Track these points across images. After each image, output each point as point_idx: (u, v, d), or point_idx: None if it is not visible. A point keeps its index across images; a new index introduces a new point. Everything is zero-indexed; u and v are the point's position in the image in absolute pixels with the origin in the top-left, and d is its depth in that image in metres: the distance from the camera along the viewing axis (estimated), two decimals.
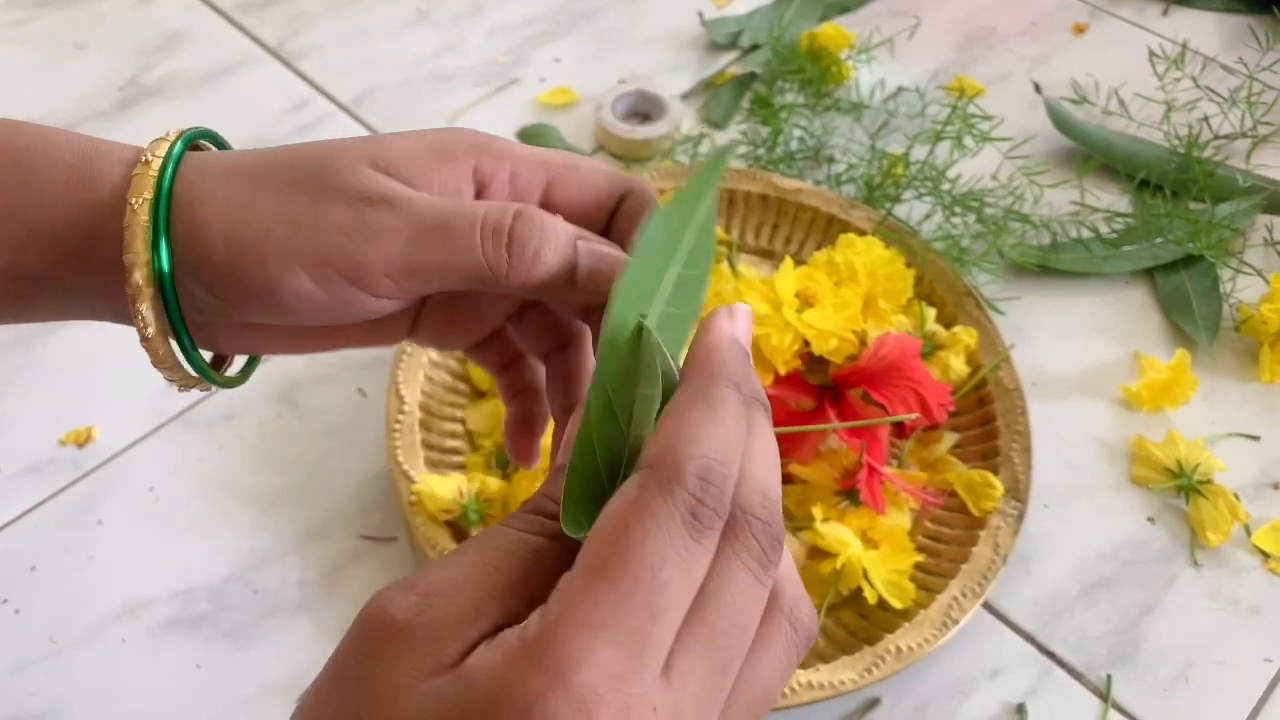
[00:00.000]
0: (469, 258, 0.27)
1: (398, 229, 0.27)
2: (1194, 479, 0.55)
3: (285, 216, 0.27)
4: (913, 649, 0.48)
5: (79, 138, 0.30)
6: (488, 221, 0.27)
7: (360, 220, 0.27)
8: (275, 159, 0.29)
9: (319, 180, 0.28)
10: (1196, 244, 0.64)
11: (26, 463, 0.57)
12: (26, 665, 0.50)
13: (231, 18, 0.80)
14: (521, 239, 0.27)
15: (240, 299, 0.28)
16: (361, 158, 0.28)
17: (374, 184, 0.27)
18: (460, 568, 0.24)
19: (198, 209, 0.28)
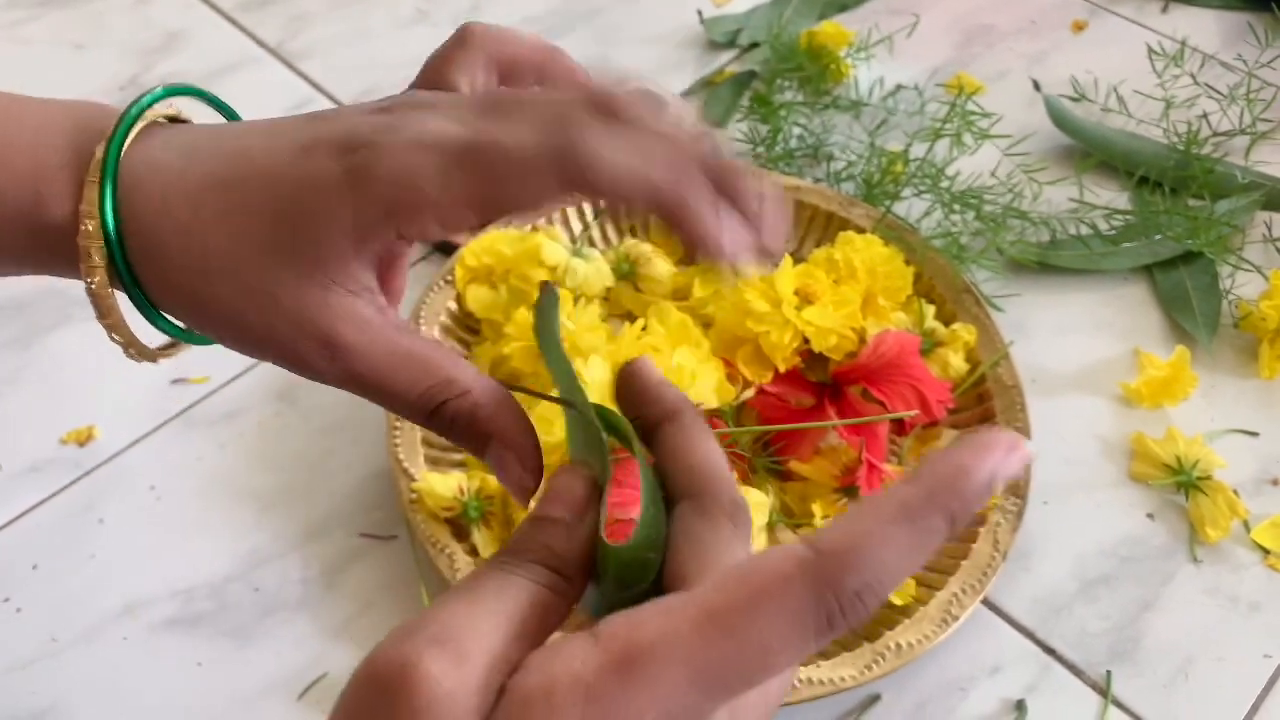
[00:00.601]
0: (398, 409, 0.30)
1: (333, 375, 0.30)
2: (1193, 475, 0.55)
3: (246, 342, 0.30)
4: (912, 645, 0.49)
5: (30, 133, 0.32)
6: (421, 397, 0.29)
7: (303, 364, 0.29)
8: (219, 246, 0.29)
9: (261, 308, 0.29)
10: (1196, 241, 0.64)
11: (27, 462, 0.57)
12: (27, 663, 0.50)
13: (231, 17, 0.81)
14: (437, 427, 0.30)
15: (209, 335, 0.31)
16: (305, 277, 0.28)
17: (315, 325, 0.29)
18: (486, 618, 0.23)
19: (152, 256, 0.30)
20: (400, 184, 0.27)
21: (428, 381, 0.29)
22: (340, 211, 0.28)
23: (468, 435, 0.29)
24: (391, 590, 0.52)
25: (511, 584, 0.24)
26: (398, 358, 0.29)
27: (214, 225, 0.29)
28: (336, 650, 0.51)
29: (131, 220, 0.29)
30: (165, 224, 0.29)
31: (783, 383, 0.56)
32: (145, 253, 0.30)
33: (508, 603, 0.24)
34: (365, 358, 0.29)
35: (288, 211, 0.28)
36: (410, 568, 0.53)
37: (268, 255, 0.29)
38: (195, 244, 0.29)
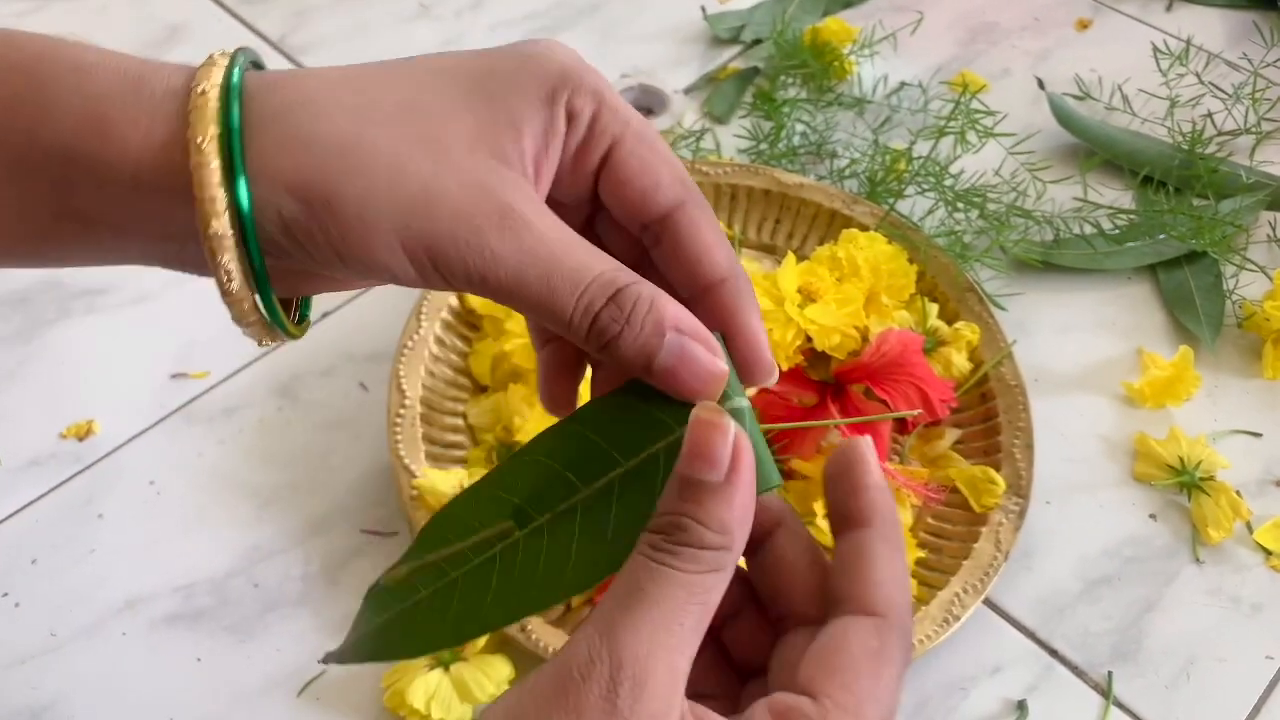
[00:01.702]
0: (557, 314, 0.26)
1: (503, 256, 0.26)
2: (1196, 476, 0.55)
3: (400, 196, 0.25)
4: (914, 645, 0.48)
5: (116, 63, 0.27)
6: (585, 295, 0.26)
7: (471, 229, 0.25)
8: (377, 95, 0.26)
9: (434, 158, 0.26)
10: (1200, 240, 0.64)
11: (27, 456, 0.57)
12: (27, 659, 0.50)
13: (233, 10, 0.80)
14: (602, 323, 0.26)
15: (330, 263, 0.27)
16: (474, 129, 0.26)
17: (491, 182, 0.26)
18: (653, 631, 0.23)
19: (284, 153, 0.25)
20: (578, 61, 0.28)
21: (603, 265, 0.26)
22: (523, 69, 0.27)
23: (646, 323, 0.26)
24: None
25: (665, 581, 0.24)
26: (568, 238, 0.26)
27: (376, 75, 0.26)
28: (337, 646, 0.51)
29: (262, 94, 0.26)
30: (308, 83, 0.26)
31: (785, 381, 0.56)
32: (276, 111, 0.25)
33: (669, 608, 0.24)
34: (539, 233, 0.26)
35: (469, 67, 0.27)
36: None
37: (442, 102, 0.26)
38: (349, 91, 0.26)
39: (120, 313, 0.63)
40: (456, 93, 0.27)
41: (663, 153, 0.29)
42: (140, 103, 0.26)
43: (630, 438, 0.28)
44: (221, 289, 0.26)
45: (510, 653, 0.49)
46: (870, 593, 0.26)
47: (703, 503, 0.25)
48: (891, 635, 0.25)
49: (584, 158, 0.28)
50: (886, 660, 0.25)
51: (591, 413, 0.28)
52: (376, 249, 0.26)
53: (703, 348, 0.26)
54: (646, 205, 0.29)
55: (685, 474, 0.25)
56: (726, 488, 0.25)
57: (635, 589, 0.24)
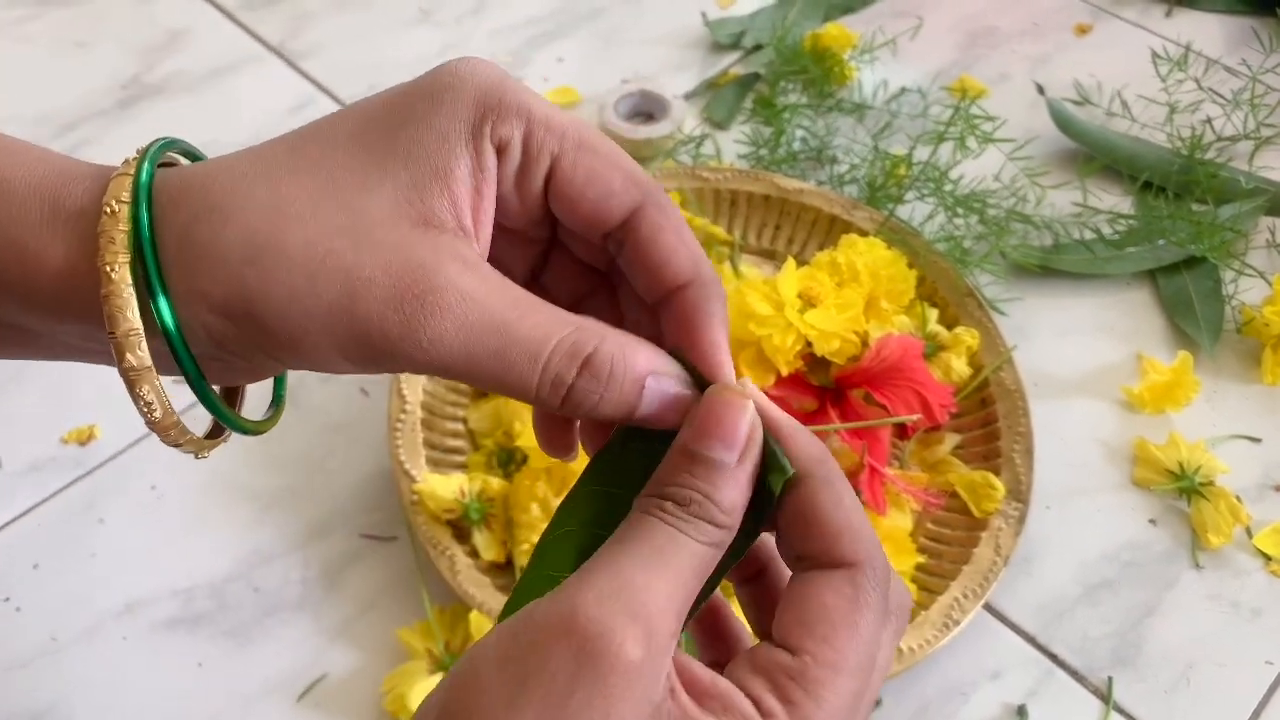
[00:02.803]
0: (519, 387, 0.24)
1: (446, 339, 0.24)
2: (1195, 481, 0.55)
3: (323, 298, 0.23)
4: (914, 650, 0.48)
5: (33, 179, 0.25)
6: (550, 367, 0.24)
7: (404, 319, 0.24)
8: (285, 186, 0.24)
9: (353, 245, 0.24)
10: (1199, 246, 0.64)
11: (28, 461, 0.57)
12: (28, 663, 0.50)
13: (234, 16, 0.80)
14: (579, 395, 0.25)
15: (272, 366, 0.26)
16: (393, 199, 0.24)
17: (420, 259, 0.24)
18: (665, 585, 0.23)
19: (199, 271, 0.24)
20: (498, 78, 0.26)
21: (562, 329, 0.24)
22: (436, 108, 0.25)
23: (625, 384, 0.25)
24: (392, 591, 0.52)
25: (683, 548, 0.24)
26: (518, 304, 0.24)
27: (284, 162, 0.25)
28: (336, 651, 0.51)
29: (169, 200, 0.24)
30: (215, 184, 0.24)
31: (785, 386, 0.56)
32: (185, 225, 0.24)
33: (684, 572, 0.24)
34: (482, 306, 0.24)
35: (380, 121, 0.25)
36: (411, 569, 0.53)
37: (355, 177, 0.24)
38: (260, 187, 0.24)
39: None
40: (370, 159, 0.25)
41: (609, 155, 0.27)
42: (55, 228, 0.25)
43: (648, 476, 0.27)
44: (146, 420, 0.25)
45: None
46: (832, 544, 0.25)
47: (715, 482, 0.24)
48: (865, 582, 0.25)
49: (526, 184, 0.26)
50: (863, 607, 0.24)
51: (604, 467, 0.28)
52: (311, 353, 0.24)
53: (680, 388, 0.26)
54: (602, 215, 0.27)
55: (697, 449, 0.25)
56: (739, 471, 0.25)
57: (655, 550, 0.24)
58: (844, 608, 0.24)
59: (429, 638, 0.49)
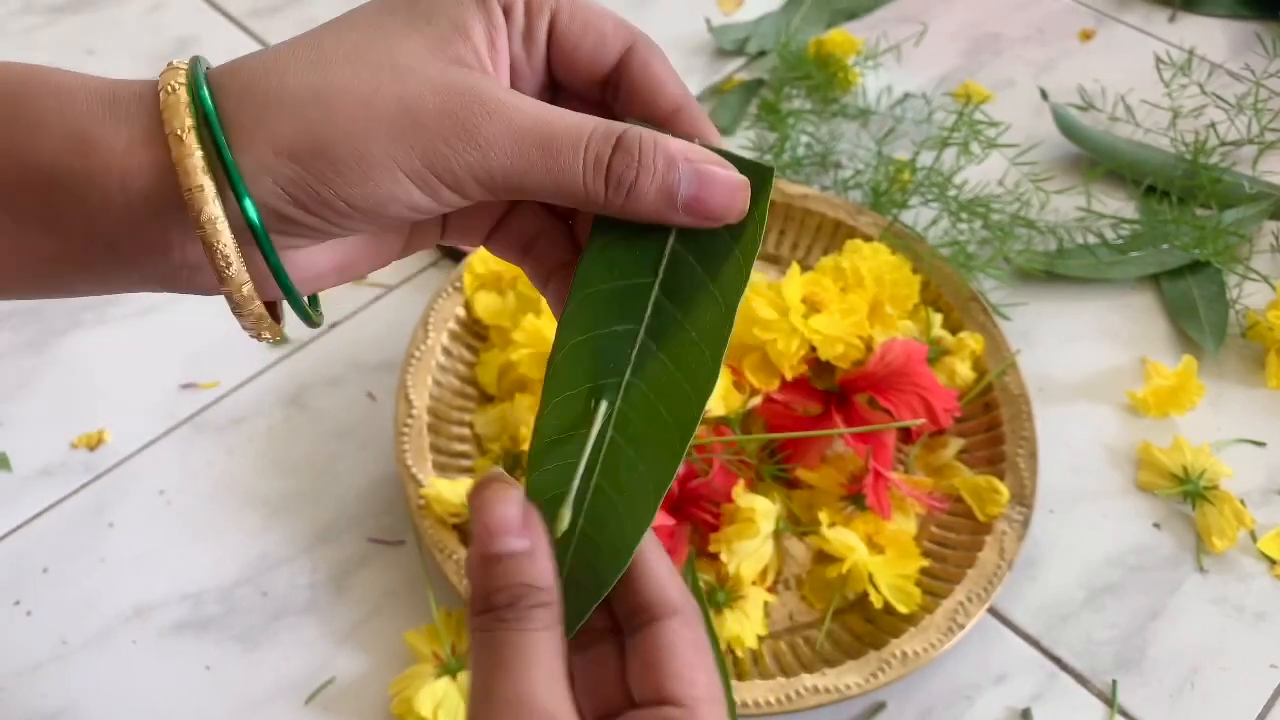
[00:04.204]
0: (569, 180, 0.26)
1: (498, 141, 0.26)
2: (1200, 485, 0.55)
3: (383, 121, 0.25)
4: (918, 654, 0.49)
5: (90, 84, 0.27)
6: (590, 148, 0.26)
7: (458, 125, 0.25)
8: (326, 47, 0.26)
9: (400, 78, 0.26)
10: (1203, 250, 0.64)
11: (39, 465, 0.57)
12: (38, 666, 0.50)
13: (242, 23, 0.81)
14: (617, 171, 0.26)
15: (340, 216, 0.26)
16: (425, 45, 0.26)
17: (461, 80, 0.26)
18: (548, 687, 0.26)
19: (261, 122, 0.25)
20: None
21: (594, 122, 0.26)
22: None
23: (658, 161, 0.26)
24: (399, 595, 0.53)
25: (538, 645, 0.26)
26: (554, 110, 0.26)
27: (320, 34, 0.27)
28: (344, 654, 0.51)
29: (222, 78, 0.26)
30: (263, 58, 0.26)
31: (790, 390, 0.56)
32: (242, 85, 0.26)
33: (552, 663, 0.26)
34: (522, 110, 0.26)
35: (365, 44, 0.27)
36: (418, 573, 0.53)
37: (388, 36, 0.26)
38: (304, 49, 0.26)
39: (131, 323, 0.63)
40: (398, 21, 0.27)
41: (598, 8, 0.29)
42: (117, 116, 0.26)
43: (639, 256, 0.28)
44: (220, 276, 0.26)
45: None
46: (664, 593, 0.28)
47: (524, 569, 0.27)
48: (697, 622, 0.28)
49: (531, 41, 0.29)
50: (703, 644, 0.28)
51: (589, 269, 0.28)
52: (378, 180, 0.26)
53: (717, 166, 0.27)
54: (599, 59, 0.29)
55: (493, 551, 0.27)
56: (536, 550, 0.27)
57: (515, 659, 0.26)
58: (688, 649, 0.27)
59: (436, 641, 0.50)
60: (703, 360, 0.27)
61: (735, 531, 0.50)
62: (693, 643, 0.28)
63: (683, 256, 0.28)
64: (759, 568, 0.51)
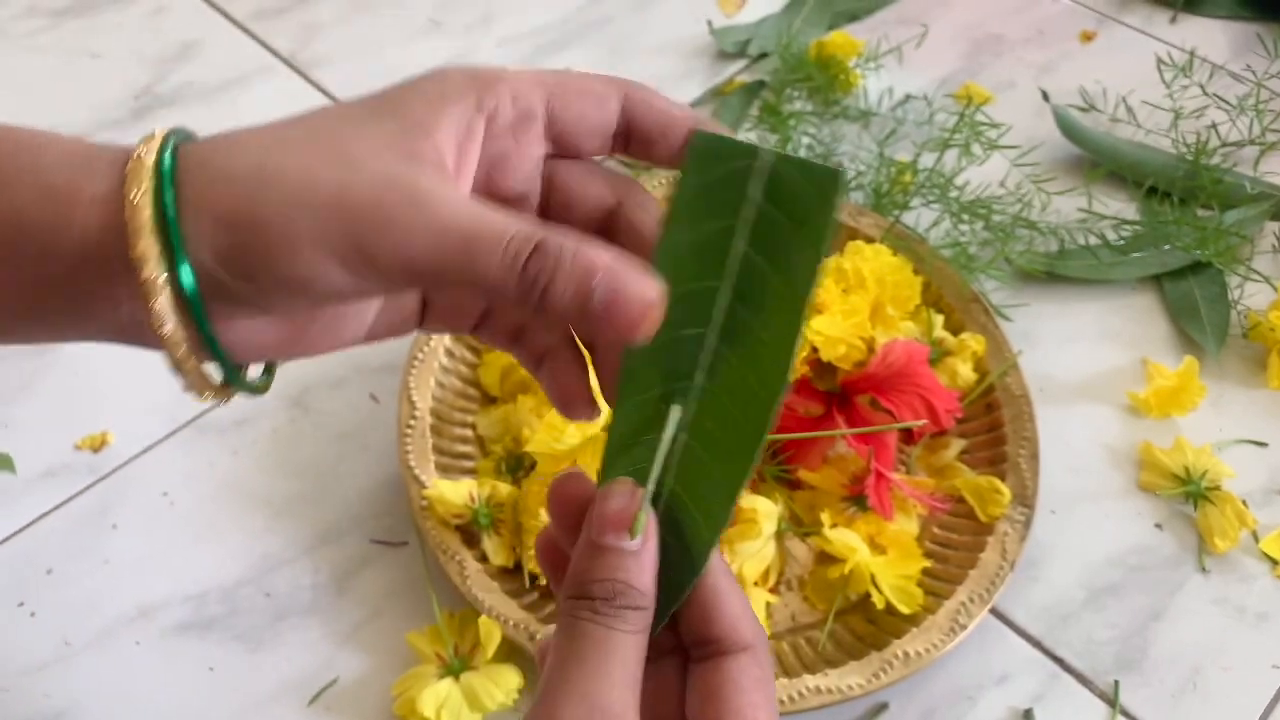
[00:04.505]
0: (485, 276, 0.27)
1: (421, 234, 0.26)
2: (1202, 485, 0.55)
3: (315, 205, 0.26)
4: (920, 654, 0.49)
5: (66, 144, 0.28)
6: (509, 249, 0.26)
7: (385, 216, 0.26)
8: (289, 132, 0.28)
9: (342, 167, 0.27)
10: (1204, 251, 0.64)
11: (42, 467, 0.57)
12: (41, 667, 0.51)
13: (245, 27, 0.81)
14: (532, 273, 0.26)
15: (268, 288, 0.27)
16: (382, 139, 0.27)
17: (402, 174, 0.27)
18: (620, 688, 0.26)
19: (209, 193, 0.27)
20: (483, 70, 0.29)
21: (520, 224, 0.26)
22: (425, 84, 0.28)
23: (574, 267, 0.26)
24: (402, 596, 0.53)
25: (622, 645, 0.27)
26: (486, 208, 0.27)
27: (289, 122, 0.28)
28: (347, 655, 0.51)
29: (190, 152, 0.27)
30: (228, 138, 0.28)
31: (791, 392, 0.56)
32: (201, 159, 0.27)
33: (629, 665, 0.27)
34: (452, 205, 0.26)
35: (371, 97, 0.29)
36: (420, 574, 0.53)
37: (349, 125, 0.27)
38: (265, 134, 0.27)
39: None
40: (364, 114, 0.28)
41: (587, 76, 0.30)
42: (87, 174, 0.27)
43: (708, 259, 0.28)
44: (157, 335, 0.27)
45: (520, 661, 0.49)
46: (737, 628, 0.28)
47: (628, 568, 0.27)
48: (767, 661, 0.29)
49: (524, 132, 0.29)
50: (768, 682, 0.28)
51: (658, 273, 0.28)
52: (306, 258, 0.26)
53: (634, 283, 0.26)
54: (601, 125, 0.30)
55: (603, 542, 0.27)
56: (644, 554, 0.27)
57: (602, 656, 0.27)
58: (753, 687, 0.28)
59: (438, 642, 0.50)
60: (775, 361, 0.27)
61: (737, 532, 0.50)
62: (759, 680, 0.28)
63: (753, 259, 0.28)
64: (761, 568, 0.51)
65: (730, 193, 0.28)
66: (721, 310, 0.28)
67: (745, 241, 0.28)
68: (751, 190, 0.28)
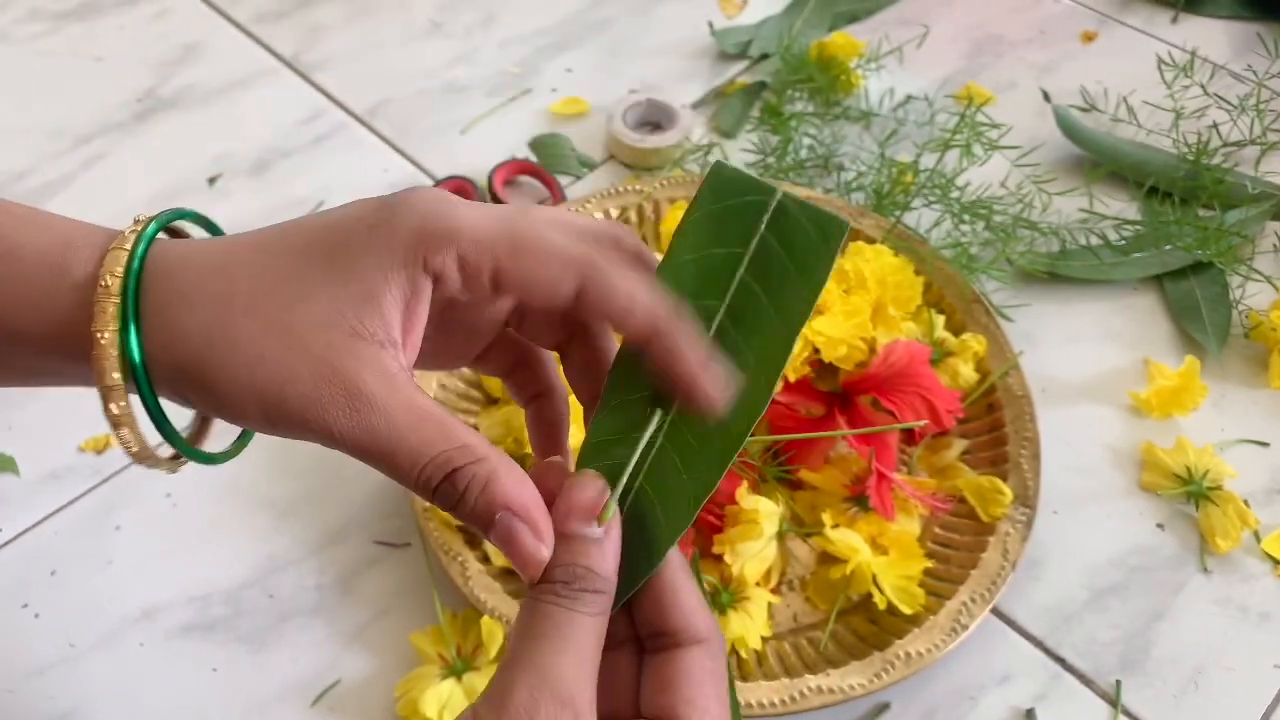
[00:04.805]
0: (400, 480, 0.29)
1: (350, 436, 0.28)
2: (1203, 485, 0.55)
3: (259, 385, 0.28)
4: (922, 654, 0.49)
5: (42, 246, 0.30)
6: (422, 474, 0.28)
7: (320, 413, 0.28)
8: (240, 283, 0.29)
9: (287, 345, 0.28)
10: (1205, 251, 0.65)
11: (46, 469, 0.57)
12: (46, 669, 0.51)
13: (247, 29, 0.81)
14: (442, 493, 0.28)
15: (206, 409, 0.30)
16: (329, 311, 0.28)
17: (341, 365, 0.28)
18: (576, 667, 0.27)
19: (168, 348, 0.29)
20: (431, 211, 0.29)
21: (444, 445, 0.28)
22: (373, 239, 0.29)
23: (478, 504, 0.28)
24: (405, 597, 0.53)
25: (581, 626, 0.28)
26: (415, 415, 0.28)
27: (244, 260, 0.29)
28: (351, 656, 0.51)
29: (153, 279, 0.29)
30: (189, 271, 0.29)
31: (793, 392, 0.56)
32: (162, 304, 0.29)
33: (587, 647, 0.28)
34: (385, 412, 0.28)
35: (322, 241, 0.29)
36: (424, 575, 0.54)
37: (297, 286, 0.28)
38: (219, 281, 0.29)
39: None
40: (313, 272, 0.29)
41: (539, 246, 0.29)
42: (62, 292, 0.29)
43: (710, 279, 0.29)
44: (125, 451, 0.31)
45: None
46: (692, 622, 0.29)
47: (590, 554, 0.28)
48: (720, 654, 0.29)
49: (477, 291, 0.29)
50: (721, 676, 0.29)
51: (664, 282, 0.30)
52: (249, 421, 0.29)
53: (528, 532, 0.28)
54: (555, 301, 0.29)
55: (568, 529, 0.28)
56: (606, 542, 0.28)
57: (561, 636, 0.27)
58: (707, 679, 0.29)
59: (441, 643, 0.50)
60: (758, 386, 0.29)
61: (739, 533, 0.51)
62: (713, 673, 0.29)
63: (752, 288, 0.29)
64: (763, 569, 0.51)
65: (741, 223, 0.29)
66: (715, 328, 0.29)
67: (747, 270, 0.29)
68: (761, 225, 0.29)
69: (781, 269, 0.29)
